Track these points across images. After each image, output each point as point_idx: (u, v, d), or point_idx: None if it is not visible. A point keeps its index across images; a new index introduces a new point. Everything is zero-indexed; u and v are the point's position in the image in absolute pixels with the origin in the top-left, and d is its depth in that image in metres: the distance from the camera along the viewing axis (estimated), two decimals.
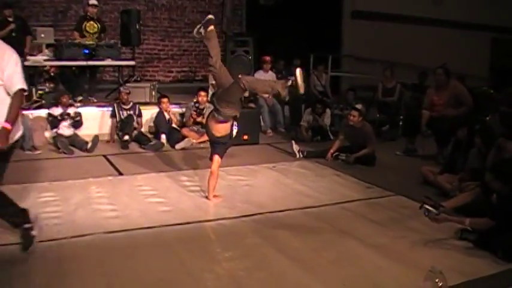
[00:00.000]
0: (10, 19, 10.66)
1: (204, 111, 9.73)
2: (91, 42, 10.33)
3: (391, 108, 10.84)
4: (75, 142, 8.85)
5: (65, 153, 8.54)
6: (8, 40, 10.08)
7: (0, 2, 10.80)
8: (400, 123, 10.62)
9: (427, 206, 5.26)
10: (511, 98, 8.25)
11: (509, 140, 6.26)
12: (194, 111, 9.71)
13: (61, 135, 8.83)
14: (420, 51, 12.46)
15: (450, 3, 12.95)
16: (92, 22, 10.73)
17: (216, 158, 6.30)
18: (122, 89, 9.93)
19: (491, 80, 11.38)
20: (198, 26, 6.55)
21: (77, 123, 9.14)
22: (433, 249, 5.10)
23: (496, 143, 6.33)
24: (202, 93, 9.82)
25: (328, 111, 10.63)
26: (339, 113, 10.86)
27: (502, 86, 9.41)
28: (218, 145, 6.33)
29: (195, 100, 9.83)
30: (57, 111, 9.02)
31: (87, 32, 10.66)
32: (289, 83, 6.03)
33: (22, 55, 9.89)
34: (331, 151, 8.64)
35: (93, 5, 10.78)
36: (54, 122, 9.00)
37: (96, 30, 10.75)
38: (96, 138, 8.98)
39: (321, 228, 5.64)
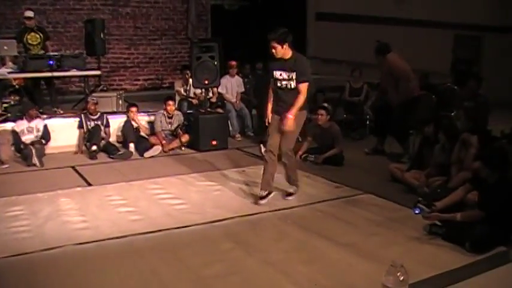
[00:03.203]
0: None
1: (173, 120, 9.73)
2: (55, 54, 10.24)
3: (358, 108, 10.94)
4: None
5: (29, 165, 8.44)
6: None
7: None
8: (367, 122, 10.71)
9: (420, 205, 5.40)
10: (474, 93, 8.43)
11: (472, 135, 6.38)
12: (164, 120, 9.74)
13: (26, 148, 8.70)
14: None
15: (412, 2, 13.15)
16: (32, 33, 10.56)
17: None
18: (89, 99, 9.85)
19: (452, 75, 11.58)
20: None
21: (43, 137, 9.09)
22: (403, 245, 5.18)
23: (460, 138, 6.45)
24: (171, 102, 9.82)
25: None
26: (308, 116, 10.85)
27: (463, 81, 9.56)
28: None
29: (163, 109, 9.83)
30: (22, 124, 8.91)
31: (30, 44, 10.53)
32: None
33: None
34: (300, 153, 8.68)
35: (28, 17, 10.61)
36: (16, 142, 8.86)
37: (39, 40, 10.60)
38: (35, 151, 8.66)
39: (291, 230, 5.67)
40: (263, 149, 8.71)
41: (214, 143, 9.42)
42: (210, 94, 10.65)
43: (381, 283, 3.68)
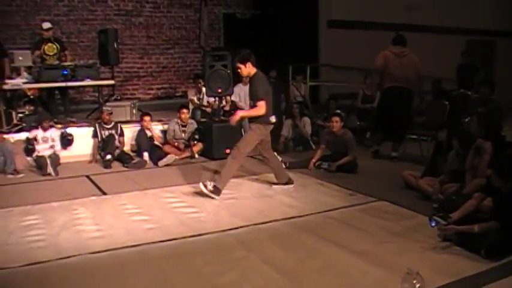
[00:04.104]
0: None
1: (187, 128, 9.78)
2: (70, 64, 10.32)
3: (371, 115, 10.91)
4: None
5: (44, 175, 8.51)
6: None
7: None
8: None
9: (435, 218, 5.32)
10: (487, 98, 8.39)
11: (486, 141, 6.34)
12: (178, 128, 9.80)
13: (41, 157, 8.79)
14: None
15: (423, 8, 13.13)
16: (50, 44, 10.69)
17: None
18: (104, 109, 9.92)
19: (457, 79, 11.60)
20: None
21: (67, 141, 9.26)
22: (417, 253, 5.14)
23: (474, 145, 6.41)
24: (185, 110, 9.89)
25: (307, 119, 10.67)
26: (322, 124, 10.87)
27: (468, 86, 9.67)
28: None
29: (177, 118, 9.88)
30: (37, 134, 8.98)
31: (47, 54, 10.64)
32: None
33: (2, 78, 9.88)
34: (313, 160, 8.70)
35: (46, 29, 10.76)
36: (28, 149, 8.97)
37: (55, 51, 10.71)
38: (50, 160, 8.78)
39: (305, 238, 5.65)
40: (277, 157, 8.75)
41: (228, 151, 9.39)
42: (224, 102, 10.69)
43: None
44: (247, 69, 7.08)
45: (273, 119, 7.21)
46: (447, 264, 4.87)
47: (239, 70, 7.19)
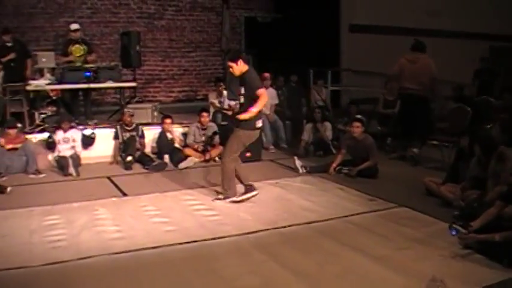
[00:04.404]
0: (9, 44, 10.78)
1: (207, 131, 9.80)
2: (92, 66, 10.40)
3: (392, 121, 10.85)
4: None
5: (66, 175, 8.60)
6: (8, 68, 10.31)
7: None
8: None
9: (456, 226, 5.27)
10: (509, 105, 8.31)
11: (509, 147, 6.28)
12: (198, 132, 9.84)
13: (62, 158, 8.89)
14: None
15: (446, 13, 13.04)
16: (77, 45, 10.79)
17: None
18: (125, 111, 9.98)
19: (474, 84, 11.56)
20: None
21: (89, 140, 9.40)
22: (437, 259, 5.09)
23: (496, 151, 6.35)
24: (205, 113, 9.93)
25: (328, 124, 10.64)
26: (343, 128, 10.83)
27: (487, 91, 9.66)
28: None
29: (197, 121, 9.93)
30: (58, 134, 9.08)
31: (73, 55, 10.75)
32: None
33: (24, 79, 10.00)
34: (334, 165, 8.67)
35: (74, 30, 10.88)
36: (50, 144, 9.09)
37: (82, 53, 10.80)
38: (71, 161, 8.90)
39: (325, 243, 5.64)
40: (297, 161, 8.76)
41: (248, 154, 9.41)
42: None
43: None
44: (239, 67, 6.90)
45: (259, 123, 7.07)
46: (468, 273, 4.82)
47: (231, 69, 7.02)
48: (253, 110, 6.70)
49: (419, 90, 9.30)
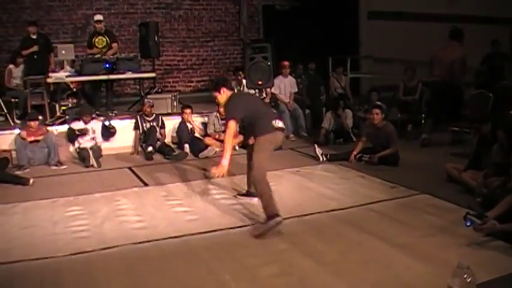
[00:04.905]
0: (34, 36, 10.89)
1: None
2: (112, 57, 10.45)
3: (413, 108, 10.78)
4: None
5: (87, 166, 8.67)
6: (31, 60, 10.42)
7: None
8: (422, 121, 10.58)
9: (470, 217, 5.17)
10: None
11: None
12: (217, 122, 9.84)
13: (83, 149, 8.97)
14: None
15: None
16: (100, 37, 10.94)
17: None
18: (145, 101, 10.02)
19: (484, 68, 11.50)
20: None
21: (109, 133, 9.51)
22: (460, 247, 5.04)
23: None
24: None
25: (349, 112, 10.61)
26: (363, 116, 10.77)
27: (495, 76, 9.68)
28: None
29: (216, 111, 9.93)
30: (78, 125, 9.15)
31: (96, 47, 10.87)
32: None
33: (46, 73, 10.06)
34: (354, 153, 8.64)
35: (98, 21, 11.03)
36: (71, 136, 9.19)
37: (104, 44, 10.91)
38: (92, 152, 8.95)
39: (347, 231, 5.63)
40: (317, 149, 8.74)
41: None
42: (264, 95, 10.69)
43: (447, 285, 3.61)
44: (223, 96, 6.19)
45: (277, 123, 6.06)
46: (491, 260, 4.76)
47: (216, 100, 6.35)
48: (224, 163, 5.83)
49: (446, 77, 9.41)
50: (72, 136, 9.16)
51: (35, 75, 10.21)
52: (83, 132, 9.10)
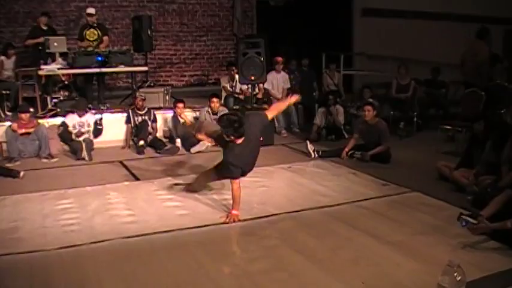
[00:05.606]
0: (44, 27, 10.86)
1: (218, 116, 9.78)
2: (104, 50, 10.40)
3: (405, 105, 10.80)
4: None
5: (78, 159, 8.64)
6: (36, 50, 10.35)
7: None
8: (415, 119, 10.60)
9: (464, 217, 5.14)
10: None
11: None
12: (209, 117, 9.80)
13: (76, 141, 8.93)
14: (432, 47, 12.42)
15: None
16: (92, 30, 10.83)
17: None
18: (137, 95, 9.98)
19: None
20: None
21: (97, 131, 9.34)
22: (451, 245, 5.05)
23: (510, 136, 6.29)
24: (215, 99, 9.90)
25: (340, 108, 10.60)
26: (355, 113, 10.78)
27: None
28: None
29: (207, 106, 9.90)
30: (73, 119, 9.10)
31: (87, 40, 10.77)
32: None
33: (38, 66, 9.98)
34: (346, 149, 8.64)
35: (89, 14, 10.94)
36: (64, 135, 9.11)
37: (96, 37, 10.83)
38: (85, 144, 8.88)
39: (338, 227, 5.62)
40: (309, 146, 8.74)
41: (260, 139, 9.39)
42: (256, 90, 10.68)
43: (437, 283, 3.61)
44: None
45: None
46: (482, 258, 4.78)
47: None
48: (235, 213, 5.84)
49: (466, 76, 9.80)
50: (66, 137, 9.08)
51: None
52: (78, 135, 9.04)
